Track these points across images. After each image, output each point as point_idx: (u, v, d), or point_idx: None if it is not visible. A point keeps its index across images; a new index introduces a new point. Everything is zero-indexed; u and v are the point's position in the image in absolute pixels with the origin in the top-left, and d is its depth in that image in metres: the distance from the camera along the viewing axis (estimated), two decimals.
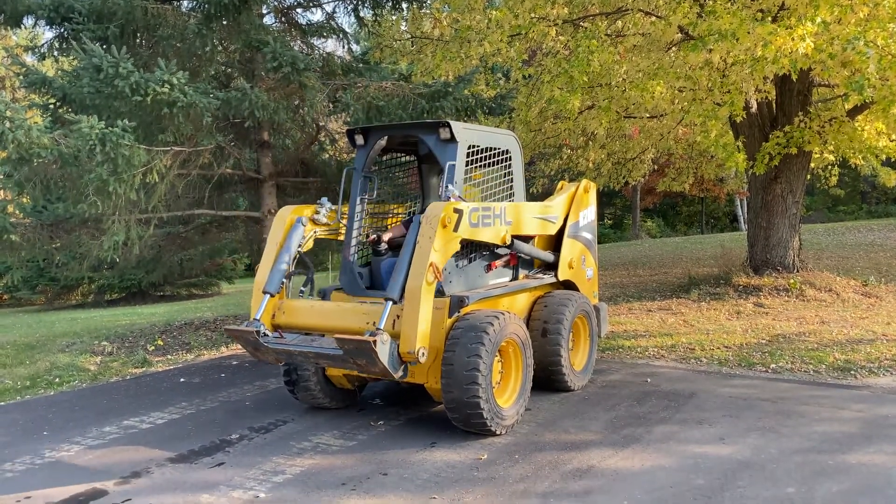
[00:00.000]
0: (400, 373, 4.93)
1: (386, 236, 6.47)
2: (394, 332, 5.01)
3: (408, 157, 7.11)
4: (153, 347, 9.93)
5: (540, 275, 6.89)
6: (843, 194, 33.56)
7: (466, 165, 5.95)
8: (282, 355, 5.29)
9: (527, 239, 6.65)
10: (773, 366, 7.30)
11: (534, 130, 12.70)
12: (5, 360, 9.61)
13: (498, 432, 5.35)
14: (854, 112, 10.66)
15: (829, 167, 15.33)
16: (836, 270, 12.37)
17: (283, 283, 5.69)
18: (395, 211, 7.11)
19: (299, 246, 5.89)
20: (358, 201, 6.33)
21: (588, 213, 7.49)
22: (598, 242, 27.12)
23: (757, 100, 10.76)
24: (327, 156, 11.46)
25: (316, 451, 5.26)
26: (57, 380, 8.19)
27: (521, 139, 13.04)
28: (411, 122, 7.00)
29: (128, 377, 8.22)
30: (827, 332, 8.56)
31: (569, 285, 7.15)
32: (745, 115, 9.88)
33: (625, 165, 15.19)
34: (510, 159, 6.58)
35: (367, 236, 6.41)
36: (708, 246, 19.03)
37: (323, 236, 6.41)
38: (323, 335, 5.45)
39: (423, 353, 4.93)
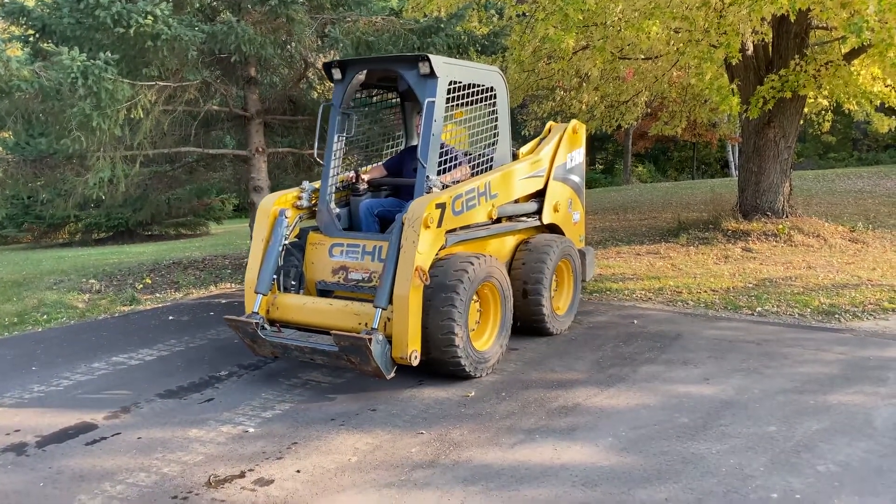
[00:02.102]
0: (392, 373, 4.92)
1: (366, 175, 6.29)
2: (387, 333, 4.98)
3: (389, 94, 6.88)
4: (141, 286, 9.91)
5: (524, 218, 6.67)
6: (834, 141, 33.49)
7: (447, 103, 5.70)
8: (278, 349, 5.23)
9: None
10: (758, 309, 7.37)
11: (527, 71, 12.47)
12: None
13: (479, 376, 5.36)
14: (851, 56, 10.52)
15: (823, 112, 15.23)
16: (825, 217, 12.41)
17: (273, 279, 5.57)
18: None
19: (285, 238, 5.69)
20: (335, 139, 6.11)
21: (576, 155, 7.26)
22: (589, 187, 27.15)
23: (753, 42, 10.60)
24: (316, 94, 11.23)
25: (305, 388, 5.30)
26: (45, 317, 8.17)
27: (513, 80, 12.85)
28: (389, 56, 6.66)
29: (116, 315, 8.21)
30: (813, 276, 8.63)
31: (554, 229, 6.99)
32: (740, 58, 9.75)
33: (618, 108, 15.01)
34: (494, 97, 6.27)
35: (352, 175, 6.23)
36: (698, 191, 19.02)
37: (309, 220, 6.16)
38: (318, 332, 5.38)
39: (416, 356, 4.94)
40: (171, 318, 7.81)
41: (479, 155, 6.19)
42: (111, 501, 3.63)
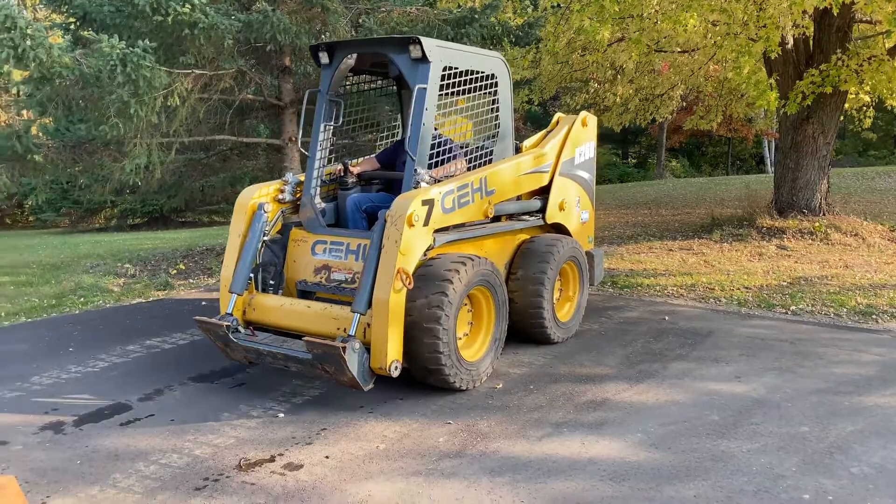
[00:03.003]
0: (371, 385, 4.49)
1: (356, 168, 5.89)
2: (366, 340, 4.54)
3: (385, 81, 6.47)
4: (175, 271, 10.06)
5: (525, 216, 6.15)
6: (875, 138, 32.72)
7: (441, 90, 5.24)
8: (251, 354, 4.82)
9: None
10: (793, 308, 7.25)
11: (561, 62, 12.39)
12: (32, 280, 9.80)
13: (466, 389, 4.91)
14: (895, 50, 10.26)
15: (864, 108, 14.88)
16: (864, 215, 12.15)
17: (249, 279, 5.15)
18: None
19: (264, 234, 5.29)
20: (321, 128, 5.67)
21: (586, 150, 6.72)
22: (621, 181, 26.91)
23: (794, 35, 10.38)
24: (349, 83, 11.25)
25: None
26: (82, 299, 8.34)
27: (547, 71, 12.78)
28: (379, 38, 6.14)
29: (151, 299, 8.35)
30: (850, 276, 8.46)
31: (560, 229, 6.50)
32: (780, 52, 9.56)
33: (652, 102, 14.82)
34: (496, 85, 5.79)
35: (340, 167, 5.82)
36: (733, 187, 18.74)
37: (293, 215, 5.69)
38: (296, 336, 4.91)
39: (397, 367, 4.51)
40: (203, 303, 7.93)
41: (478, 148, 5.77)
42: (144, 481, 3.71)
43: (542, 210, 6.22)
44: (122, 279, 9.62)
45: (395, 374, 4.49)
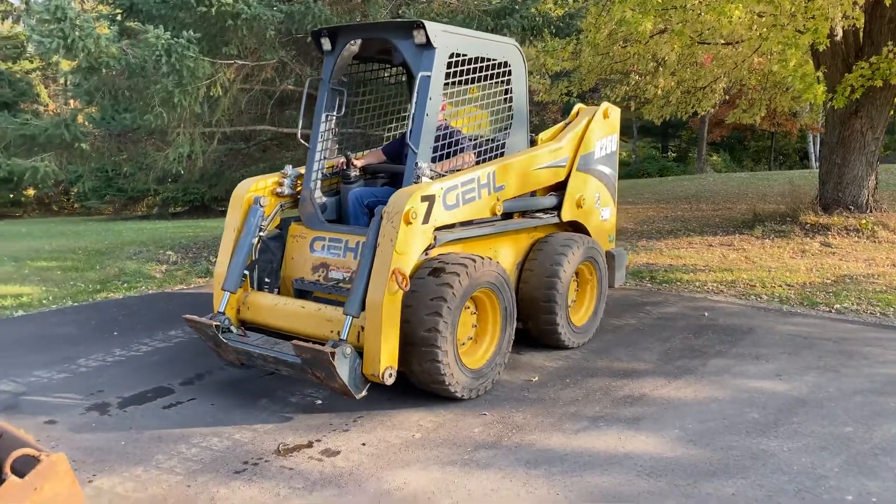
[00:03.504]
0: (363, 392, 4.22)
1: (359, 161, 5.59)
2: (359, 344, 4.28)
3: (394, 69, 6.17)
4: (216, 259, 10.22)
5: (539, 214, 5.79)
6: None
7: (448, 79, 4.92)
8: (242, 356, 4.58)
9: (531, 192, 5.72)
10: (837, 306, 7.09)
11: (601, 54, 12.24)
12: (77, 265, 10.05)
13: (467, 398, 4.61)
14: None
15: None
16: None
17: (243, 276, 4.90)
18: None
19: (260, 230, 5.02)
20: (323, 118, 5.39)
21: (608, 143, 6.32)
22: (661, 175, 26.55)
23: (843, 27, 10.10)
24: (387, 74, 11.29)
25: None
26: (125, 285, 8.54)
27: (587, 63, 12.65)
28: (381, 23, 5.71)
29: (192, 286, 8.51)
30: None
31: (578, 227, 6.13)
32: (828, 44, 9.32)
33: (694, 95, 14.57)
34: (509, 74, 5.43)
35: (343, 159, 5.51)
36: (775, 182, 18.35)
37: (293, 209, 5.45)
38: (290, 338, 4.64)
39: (391, 374, 4.22)
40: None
41: (488, 140, 5.46)
42: (186, 463, 3.79)
43: (558, 207, 5.88)
44: (164, 266, 9.81)
45: (390, 381, 4.21)
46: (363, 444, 4.01)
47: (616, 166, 6.59)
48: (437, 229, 4.65)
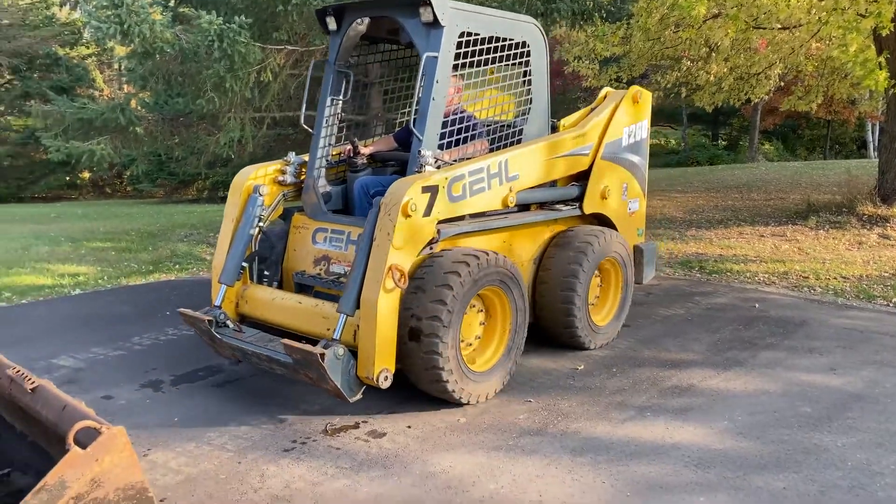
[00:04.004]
0: (358, 396, 3.99)
1: (367, 148, 5.28)
2: (355, 344, 4.03)
3: (409, 51, 5.75)
4: None
5: (559, 206, 5.41)
6: None
7: (457, 59, 4.57)
8: (237, 352, 4.38)
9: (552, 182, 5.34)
10: (895, 300, 6.87)
11: (652, 39, 11.98)
12: (131, 246, 10.31)
13: (472, 402, 4.33)
14: None
15: None
16: None
17: (241, 269, 4.67)
18: None
19: (260, 220, 4.77)
20: (328, 102, 5.05)
21: (637, 130, 5.92)
22: (710, 164, 26.00)
23: None
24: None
25: None
26: (177, 266, 8.73)
27: (637, 48, 12.42)
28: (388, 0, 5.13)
29: None
30: None
31: (604, 220, 5.73)
32: (892, 28, 8.97)
33: (748, 81, 14.18)
34: (527, 55, 5.06)
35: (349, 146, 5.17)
36: (831, 172, 17.82)
37: (297, 199, 5.15)
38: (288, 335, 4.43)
39: (387, 377, 3.97)
40: None
41: (504, 126, 5.06)
42: (236, 440, 3.87)
43: (581, 198, 5.47)
44: (213, 248, 10.00)
45: (385, 385, 3.96)
46: (408, 427, 4.04)
47: (646, 155, 6.18)
48: (441, 222, 4.32)
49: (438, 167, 4.40)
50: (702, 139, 33.70)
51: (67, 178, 25.85)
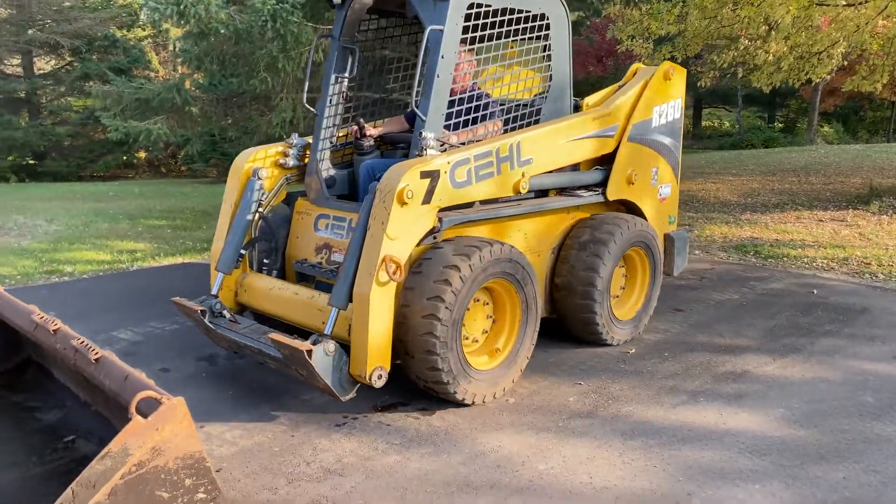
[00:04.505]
0: (351, 395, 3.75)
1: (375, 130, 4.95)
2: (349, 339, 3.78)
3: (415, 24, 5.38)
4: None
5: (580, 191, 5.04)
6: None
7: (465, 33, 4.20)
8: (232, 344, 4.18)
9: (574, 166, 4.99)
10: None
11: (709, 17, 11.66)
12: (186, 224, 10.55)
13: (477, 403, 4.06)
14: None
15: None
16: None
17: (239, 256, 4.41)
18: None
19: (259, 205, 4.51)
20: (332, 80, 4.72)
21: (669, 109, 5.49)
22: (766, 146, 25.29)
23: None
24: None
25: None
26: None
27: (693, 27, 12.09)
28: None
29: None
30: None
31: (632, 207, 5.37)
32: None
33: (808, 60, 13.69)
34: (546, 28, 4.64)
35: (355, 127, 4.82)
36: (895, 155, 17.17)
37: (298, 183, 4.88)
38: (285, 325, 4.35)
39: (381, 376, 3.70)
40: None
41: (521, 106, 4.69)
42: (289, 414, 3.95)
43: (604, 183, 5.10)
44: None
45: (379, 384, 3.70)
46: (458, 406, 4.05)
47: (679, 136, 5.72)
48: (443, 210, 4.01)
49: (444, 150, 4.09)
50: (757, 121, 32.80)
51: (125, 158, 26.49)
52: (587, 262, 4.74)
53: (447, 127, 4.24)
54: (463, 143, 4.27)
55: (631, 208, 5.38)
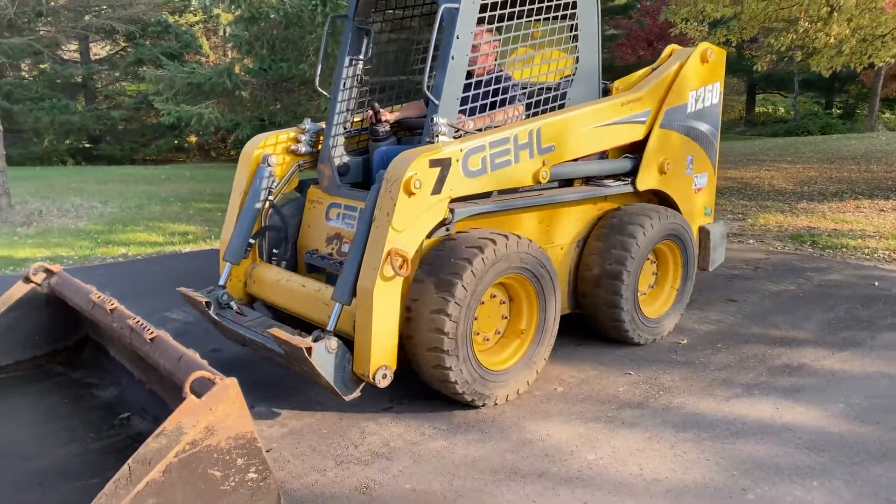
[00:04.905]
0: (355, 394, 3.55)
1: (392, 115, 4.66)
2: (353, 336, 3.59)
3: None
4: None
5: (607, 181, 4.74)
6: None
7: (483, 12, 3.92)
8: (237, 337, 4.00)
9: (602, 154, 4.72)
10: None
11: (765, 0, 11.31)
12: None
13: (486, 405, 3.86)
14: None
15: None
16: None
17: (248, 245, 4.24)
18: None
19: (270, 193, 4.33)
20: (346, 62, 4.52)
21: (706, 94, 5.14)
22: (823, 133, 24.52)
23: None
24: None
25: None
26: None
27: (750, 9, 11.73)
28: None
29: None
30: None
31: (664, 198, 5.06)
32: None
33: (872, 43, 13.18)
34: (573, 6, 4.37)
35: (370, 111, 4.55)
36: None
37: (311, 169, 4.68)
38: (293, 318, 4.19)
39: (386, 376, 3.49)
40: None
41: (545, 90, 4.37)
42: (337, 396, 3.96)
43: (634, 173, 4.80)
44: None
45: (384, 383, 3.49)
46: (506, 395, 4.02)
47: (717, 123, 5.35)
48: (456, 200, 3.77)
49: (458, 136, 3.86)
50: (814, 107, 31.80)
51: (176, 142, 26.99)
52: (613, 256, 4.49)
53: (463, 112, 4.02)
54: (479, 130, 4.01)
55: (663, 199, 5.09)
